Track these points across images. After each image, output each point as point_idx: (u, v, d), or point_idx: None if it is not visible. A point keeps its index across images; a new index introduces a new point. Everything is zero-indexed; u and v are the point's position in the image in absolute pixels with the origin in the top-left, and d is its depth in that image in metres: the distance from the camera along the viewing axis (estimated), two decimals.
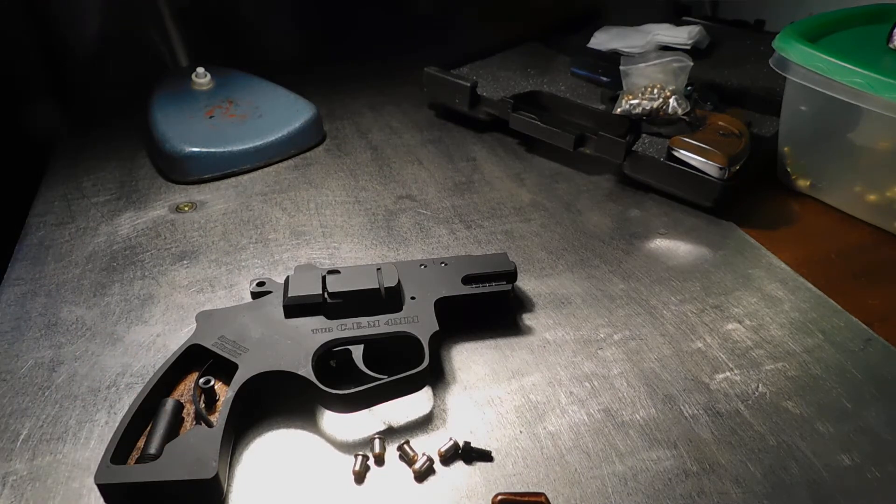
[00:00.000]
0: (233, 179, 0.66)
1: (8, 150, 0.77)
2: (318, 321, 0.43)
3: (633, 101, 0.67)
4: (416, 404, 0.42)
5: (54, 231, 0.58)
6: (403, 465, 0.38)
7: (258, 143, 0.68)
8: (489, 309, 0.48)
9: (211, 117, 0.69)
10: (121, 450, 0.35)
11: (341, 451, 0.39)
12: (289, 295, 0.43)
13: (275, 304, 0.44)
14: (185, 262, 0.54)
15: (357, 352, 0.42)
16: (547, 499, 0.36)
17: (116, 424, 0.37)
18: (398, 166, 0.69)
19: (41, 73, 0.82)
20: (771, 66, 0.61)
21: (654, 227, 0.60)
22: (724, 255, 0.57)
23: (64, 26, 0.82)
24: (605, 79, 0.79)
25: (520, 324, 0.48)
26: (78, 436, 0.39)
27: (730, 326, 0.49)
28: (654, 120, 0.67)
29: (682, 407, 0.42)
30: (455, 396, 0.42)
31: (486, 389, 0.43)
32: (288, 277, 0.45)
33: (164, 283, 0.52)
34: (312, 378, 0.39)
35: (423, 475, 0.37)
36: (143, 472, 0.34)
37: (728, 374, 0.45)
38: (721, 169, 0.59)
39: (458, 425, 0.40)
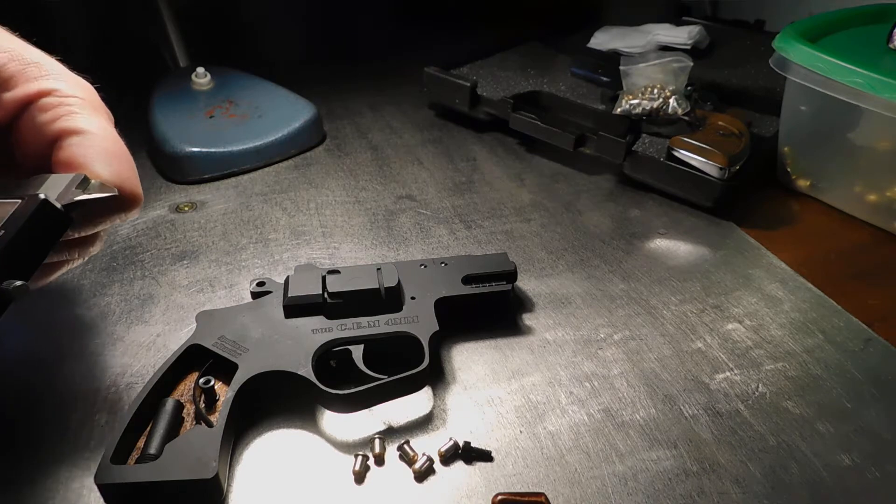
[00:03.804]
0: (233, 179, 0.66)
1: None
2: (318, 321, 0.43)
3: (633, 101, 0.67)
4: (416, 404, 0.42)
5: None
6: (403, 465, 0.38)
7: (258, 143, 0.68)
8: (489, 309, 0.48)
9: (211, 117, 0.69)
10: (121, 450, 0.35)
11: (341, 451, 0.39)
12: (289, 295, 0.43)
13: (275, 304, 0.44)
14: (185, 262, 0.54)
15: (357, 352, 0.42)
16: (547, 499, 0.36)
17: (116, 424, 0.37)
18: (398, 166, 0.69)
19: None
20: (771, 66, 0.61)
21: (654, 227, 0.60)
22: (724, 255, 0.57)
23: (63, 27, 0.82)
24: (605, 79, 0.79)
25: (520, 324, 0.48)
26: (78, 436, 0.39)
27: (730, 326, 0.49)
28: (654, 120, 0.67)
29: (682, 407, 0.42)
30: (455, 396, 0.42)
31: (486, 389, 0.43)
32: (288, 277, 0.45)
33: (164, 283, 0.52)
34: (312, 378, 0.39)
35: (423, 475, 0.37)
36: (143, 472, 0.34)
37: (728, 374, 0.45)
38: (721, 169, 0.59)
39: (458, 425, 0.40)
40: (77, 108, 0.36)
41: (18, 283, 0.30)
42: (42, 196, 0.31)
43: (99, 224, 0.35)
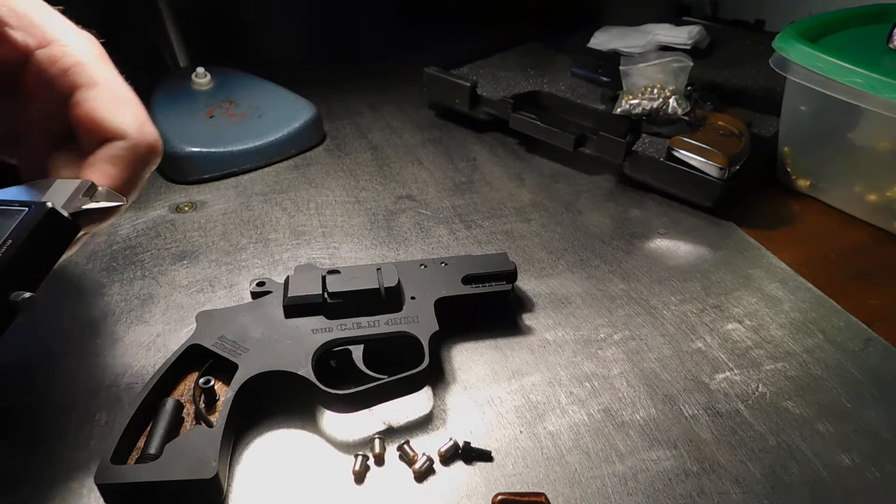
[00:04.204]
0: (233, 179, 0.66)
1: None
2: (318, 321, 0.43)
3: (633, 101, 0.67)
4: (416, 404, 0.42)
5: None
6: (403, 465, 0.38)
7: (258, 143, 0.68)
8: (489, 309, 0.48)
9: (211, 117, 0.69)
10: (121, 450, 0.35)
11: (341, 451, 0.39)
12: (289, 295, 0.43)
13: (275, 304, 0.44)
14: (185, 262, 0.54)
15: (357, 352, 0.42)
16: (547, 499, 0.36)
17: (116, 424, 0.37)
18: (398, 166, 0.69)
19: None
20: (771, 66, 0.61)
21: (654, 227, 0.60)
22: (724, 255, 0.57)
23: None
24: (605, 79, 0.79)
25: (520, 324, 0.48)
26: (78, 436, 0.39)
27: (730, 326, 0.49)
28: (654, 120, 0.67)
29: (682, 407, 0.42)
30: (455, 396, 0.42)
31: (486, 389, 0.43)
32: (288, 277, 0.45)
33: (164, 283, 0.52)
34: (312, 378, 0.39)
35: (423, 475, 0.37)
36: (143, 472, 0.34)
37: (728, 374, 0.45)
38: (721, 169, 0.59)
39: (458, 425, 0.40)
40: (84, 58, 0.35)
41: (27, 294, 0.29)
42: (49, 204, 0.31)
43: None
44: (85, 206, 0.32)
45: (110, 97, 0.35)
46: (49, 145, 0.37)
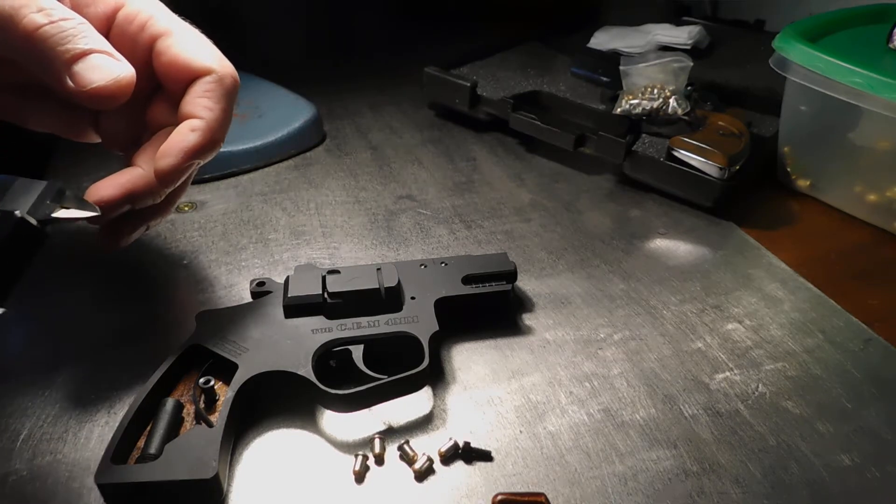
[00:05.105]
0: (233, 179, 0.66)
1: (8, 150, 0.77)
2: (318, 321, 0.43)
3: (633, 101, 0.67)
4: (416, 404, 0.42)
5: None
6: (403, 464, 0.38)
7: (258, 143, 0.68)
8: (489, 309, 0.48)
9: None
10: (121, 450, 0.35)
11: (341, 451, 0.39)
12: (289, 295, 0.43)
13: (275, 304, 0.44)
14: (184, 262, 0.54)
15: (357, 352, 0.42)
16: (547, 499, 0.36)
17: (116, 424, 0.37)
18: (398, 166, 0.69)
19: None
20: (771, 66, 0.61)
21: (654, 227, 0.60)
22: (724, 255, 0.57)
23: None
24: (605, 79, 0.79)
25: (520, 324, 0.48)
26: (78, 436, 0.39)
27: (730, 326, 0.49)
28: (654, 120, 0.67)
29: (682, 407, 0.42)
30: (455, 396, 0.42)
31: (486, 389, 0.43)
32: (288, 277, 0.45)
33: (164, 283, 0.52)
34: (312, 378, 0.39)
35: (423, 475, 0.37)
36: (144, 472, 0.34)
37: (728, 374, 0.45)
38: (721, 169, 0.59)
39: (458, 425, 0.40)
40: (152, 11, 0.38)
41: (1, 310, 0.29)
42: (18, 213, 0.30)
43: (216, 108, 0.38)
44: (54, 215, 0.32)
45: (187, 40, 0.38)
46: (137, 108, 0.40)
